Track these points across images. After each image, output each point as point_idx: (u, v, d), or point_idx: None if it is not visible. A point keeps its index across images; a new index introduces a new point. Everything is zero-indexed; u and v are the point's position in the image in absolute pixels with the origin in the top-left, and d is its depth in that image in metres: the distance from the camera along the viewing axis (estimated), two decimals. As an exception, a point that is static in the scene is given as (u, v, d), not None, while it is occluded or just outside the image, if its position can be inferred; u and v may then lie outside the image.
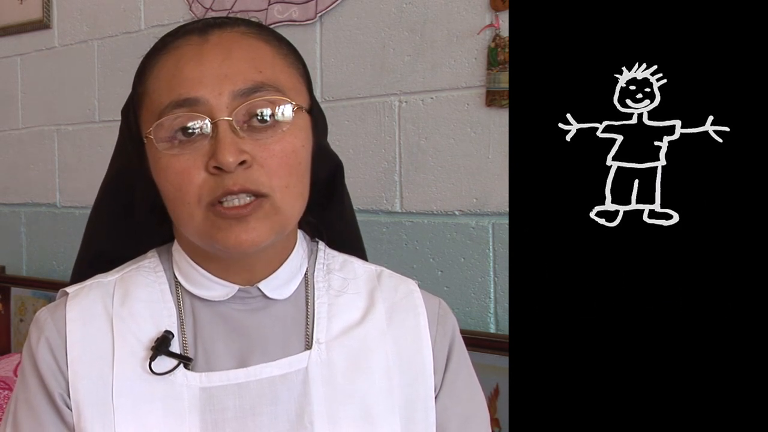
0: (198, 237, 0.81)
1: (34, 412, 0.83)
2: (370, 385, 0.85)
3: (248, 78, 0.80)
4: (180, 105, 0.79)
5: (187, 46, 0.82)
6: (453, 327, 0.93)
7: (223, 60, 0.80)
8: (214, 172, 0.78)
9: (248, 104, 0.79)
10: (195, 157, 0.79)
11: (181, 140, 0.79)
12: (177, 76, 0.81)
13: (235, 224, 0.78)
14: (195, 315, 0.86)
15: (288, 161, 0.80)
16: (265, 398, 0.82)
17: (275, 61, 0.84)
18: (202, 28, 0.84)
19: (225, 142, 0.77)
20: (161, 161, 0.80)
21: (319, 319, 0.87)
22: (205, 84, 0.79)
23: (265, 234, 0.79)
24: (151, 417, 0.81)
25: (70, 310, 0.85)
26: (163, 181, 0.81)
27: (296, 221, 0.85)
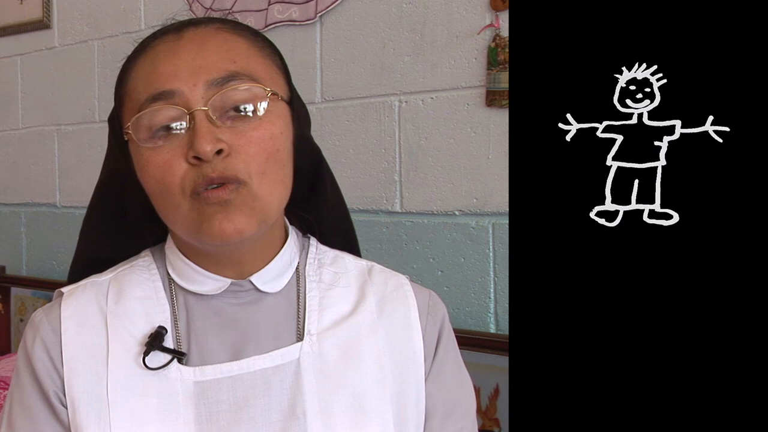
0: (185, 228, 0.82)
1: (28, 411, 0.83)
2: (361, 376, 0.85)
3: (222, 68, 0.81)
4: (156, 98, 0.80)
5: (162, 44, 0.84)
6: (443, 316, 0.94)
7: (197, 53, 0.82)
8: (194, 162, 0.79)
9: (223, 93, 0.80)
10: (174, 149, 0.79)
11: (160, 135, 0.80)
12: (153, 72, 0.82)
13: (218, 211, 0.79)
14: (188, 310, 0.87)
15: (265, 148, 0.81)
16: (258, 390, 0.83)
17: (250, 52, 0.85)
18: (178, 27, 0.85)
19: (201, 132, 0.78)
20: (143, 157, 0.81)
21: (311, 312, 0.88)
22: (180, 77, 0.80)
23: (246, 223, 0.80)
24: (146, 412, 0.81)
25: (65, 308, 0.86)
26: (147, 177, 0.82)
27: (279, 209, 0.85)
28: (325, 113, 1.89)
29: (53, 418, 0.83)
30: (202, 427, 0.81)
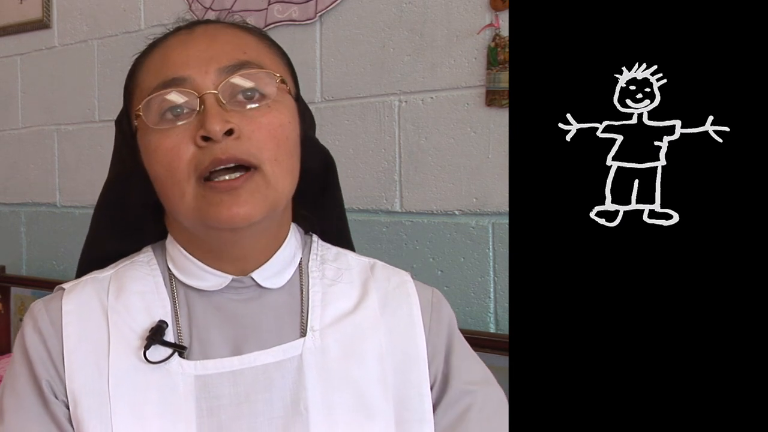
0: (191, 215, 0.81)
1: (18, 397, 0.83)
2: (364, 372, 0.85)
3: (233, 56, 0.82)
4: (168, 84, 0.81)
5: (174, 38, 0.86)
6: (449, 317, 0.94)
7: (209, 44, 0.83)
8: (202, 144, 0.79)
9: (233, 78, 0.81)
10: (184, 132, 0.80)
11: (169, 119, 0.81)
12: (164, 61, 0.84)
13: (227, 198, 0.79)
14: (189, 305, 0.87)
15: (275, 134, 0.81)
16: (260, 385, 0.83)
17: (259, 46, 0.87)
18: (189, 24, 0.88)
19: (212, 113, 0.79)
20: (151, 142, 0.82)
21: (313, 307, 0.88)
22: (192, 65, 0.82)
23: (258, 208, 0.80)
24: (147, 406, 0.81)
25: (67, 303, 0.86)
26: (154, 162, 0.82)
27: (287, 199, 0.86)
28: (324, 113, 1.89)
29: (41, 405, 0.82)
30: (203, 422, 0.82)
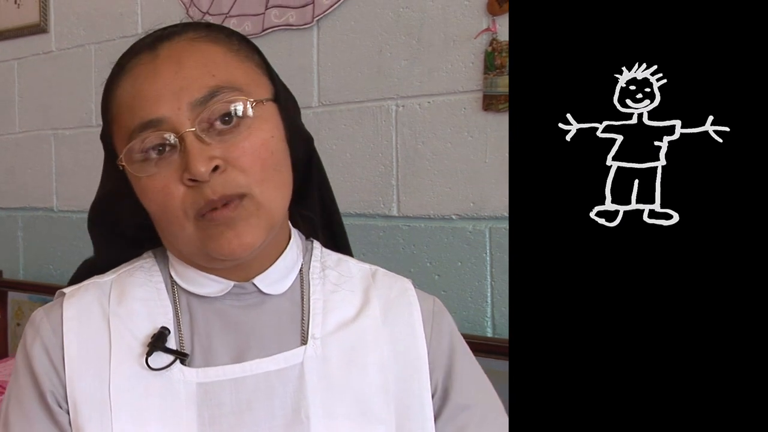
0: (193, 248, 0.82)
1: (24, 410, 0.83)
2: (365, 381, 0.85)
3: (203, 85, 0.80)
4: (145, 127, 0.80)
5: (139, 65, 0.83)
6: (450, 327, 0.94)
7: (176, 72, 0.81)
8: (190, 184, 0.79)
9: (208, 111, 0.79)
10: (170, 172, 0.80)
11: (153, 159, 0.80)
12: (136, 97, 0.82)
13: (225, 230, 0.79)
14: (191, 311, 0.87)
15: (260, 155, 0.81)
16: (261, 393, 0.83)
17: (227, 60, 0.84)
18: (151, 43, 0.85)
19: (193, 153, 0.78)
20: (140, 184, 0.82)
21: (315, 315, 0.88)
22: (163, 101, 0.80)
23: (256, 235, 0.80)
24: (149, 413, 0.81)
25: (67, 309, 0.86)
26: (148, 201, 0.82)
27: (282, 213, 0.85)
28: (322, 117, 1.89)
29: (47, 417, 0.82)
30: (205, 429, 0.81)
